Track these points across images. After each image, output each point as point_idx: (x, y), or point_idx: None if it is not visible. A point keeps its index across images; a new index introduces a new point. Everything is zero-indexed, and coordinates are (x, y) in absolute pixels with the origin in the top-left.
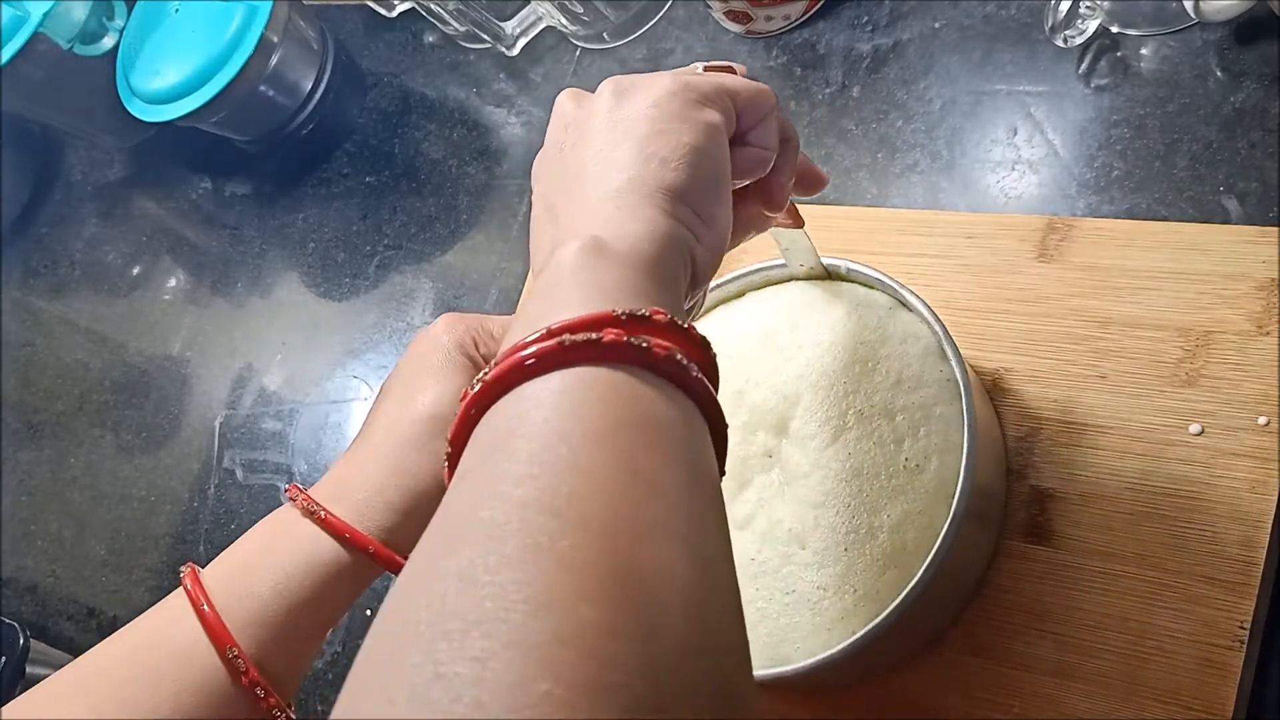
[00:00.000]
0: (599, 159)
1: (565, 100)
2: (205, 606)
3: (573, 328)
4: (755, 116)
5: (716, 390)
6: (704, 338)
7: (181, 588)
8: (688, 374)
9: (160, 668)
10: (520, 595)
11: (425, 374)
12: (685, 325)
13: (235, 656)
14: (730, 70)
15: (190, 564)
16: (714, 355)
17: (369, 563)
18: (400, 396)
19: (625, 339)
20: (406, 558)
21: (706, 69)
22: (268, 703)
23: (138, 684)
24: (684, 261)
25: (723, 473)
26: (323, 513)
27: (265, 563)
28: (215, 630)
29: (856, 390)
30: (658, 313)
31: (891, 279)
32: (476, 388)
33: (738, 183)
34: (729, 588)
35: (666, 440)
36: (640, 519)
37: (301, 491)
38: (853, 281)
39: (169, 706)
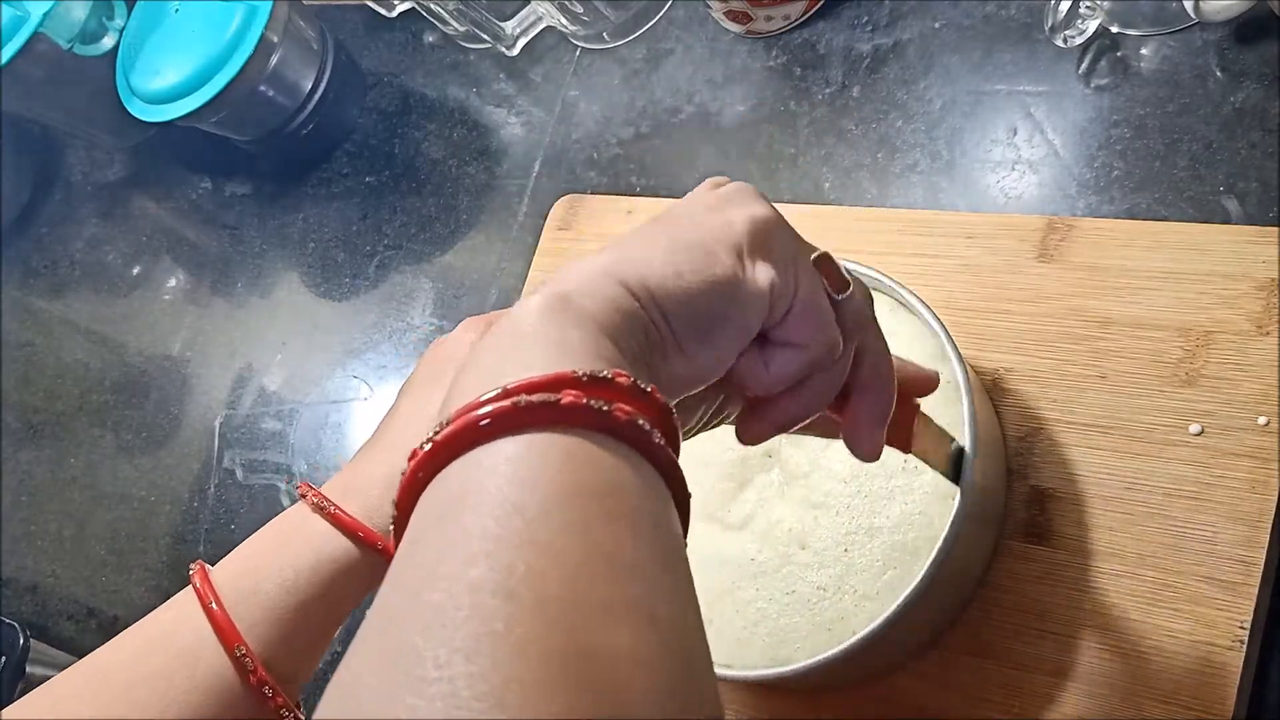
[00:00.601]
0: (643, 239)
1: (702, 186)
2: (213, 604)
3: (530, 388)
4: (794, 333)
5: (678, 456)
6: (667, 404)
7: (190, 586)
8: (650, 440)
9: (168, 667)
10: (473, 692)
11: (447, 372)
12: (649, 389)
13: (243, 655)
14: (843, 283)
15: (199, 561)
16: (676, 424)
17: (380, 560)
18: (418, 394)
19: (585, 401)
20: None
21: (820, 260)
22: (275, 702)
23: (146, 685)
24: (647, 348)
25: (685, 541)
26: (333, 508)
27: (274, 560)
28: (223, 629)
29: None
30: (620, 375)
31: (892, 279)
32: (426, 449)
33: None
34: (699, 660)
35: (628, 510)
36: (602, 595)
37: (312, 488)
38: None
39: (177, 707)
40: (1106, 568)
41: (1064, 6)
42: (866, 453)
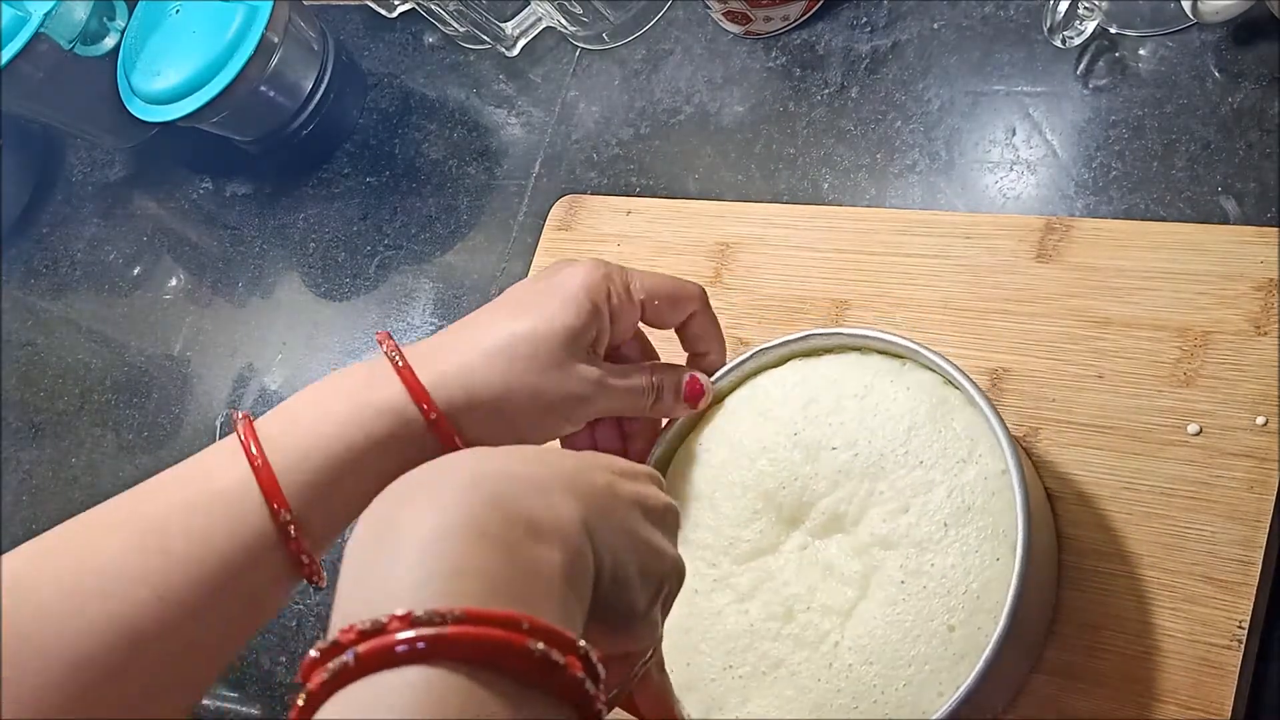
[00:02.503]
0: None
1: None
2: (258, 460)
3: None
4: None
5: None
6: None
7: (235, 435)
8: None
9: (210, 519)
10: None
11: (550, 295)
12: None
13: (287, 522)
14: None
15: (243, 414)
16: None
17: (424, 434)
18: (516, 307)
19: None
20: (461, 443)
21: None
22: (310, 569)
23: (189, 539)
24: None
25: None
26: (401, 361)
27: (327, 417)
28: (268, 488)
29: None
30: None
31: (967, 377)
32: (333, 668)
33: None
34: None
35: None
36: None
37: (390, 339)
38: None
39: (216, 558)
40: (1105, 567)
41: (1062, 7)
42: None
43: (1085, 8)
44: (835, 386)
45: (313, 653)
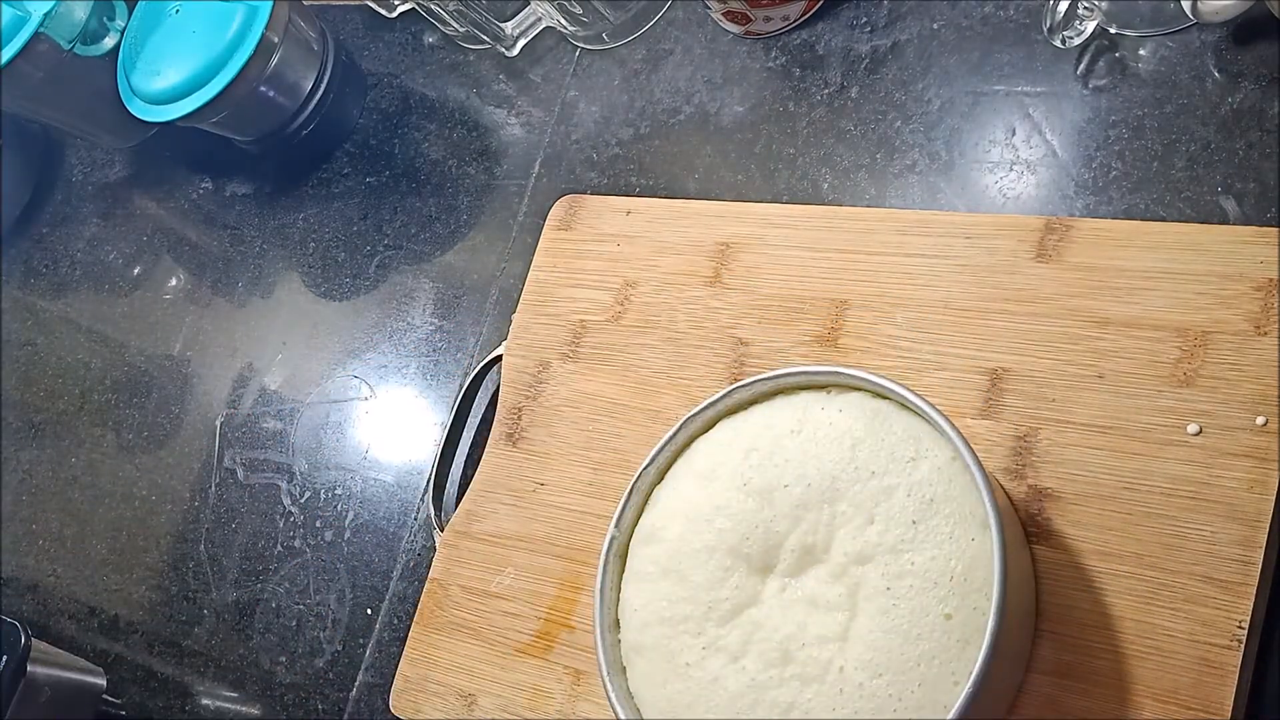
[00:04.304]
0: None
1: None
2: None
3: None
4: None
5: None
6: None
7: None
8: None
9: None
10: None
11: None
12: None
13: None
14: None
15: None
16: None
17: None
18: None
19: None
20: None
21: None
22: None
23: None
24: None
25: None
26: None
27: None
28: None
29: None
30: None
31: (948, 422)
32: None
33: None
34: None
35: None
36: None
37: None
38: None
39: None
40: (1105, 567)
41: (1062, 7)
42: None
43: (1085, 8)
44: (769, 430)
45: None
